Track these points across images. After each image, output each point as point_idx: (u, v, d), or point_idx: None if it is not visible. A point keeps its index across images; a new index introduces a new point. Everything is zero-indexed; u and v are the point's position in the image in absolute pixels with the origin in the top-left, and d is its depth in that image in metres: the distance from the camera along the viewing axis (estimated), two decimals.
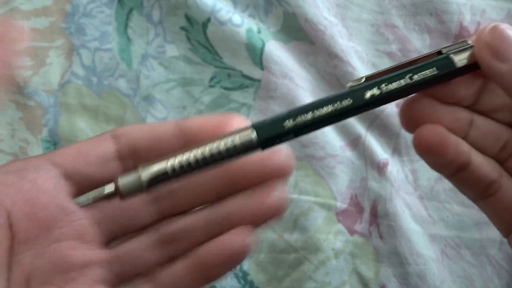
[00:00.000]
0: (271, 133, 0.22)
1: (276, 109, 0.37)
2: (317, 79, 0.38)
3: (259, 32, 0.37)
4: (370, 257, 0.37)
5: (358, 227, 0.37)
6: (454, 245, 0.37)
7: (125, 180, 0.22)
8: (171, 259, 0.25)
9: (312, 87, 0.38)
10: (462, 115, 0.25)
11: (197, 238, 0.25)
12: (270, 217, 0.25)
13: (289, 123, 0.22)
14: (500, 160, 0.25)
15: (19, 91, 0.36)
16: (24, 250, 0.23)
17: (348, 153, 0.37)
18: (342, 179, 0.37)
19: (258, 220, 0.25)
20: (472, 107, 0.25)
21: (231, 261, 0.24)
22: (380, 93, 0.23)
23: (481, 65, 0.23)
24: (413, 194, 0.38)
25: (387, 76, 0.23)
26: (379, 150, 0.37)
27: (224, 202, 0.25)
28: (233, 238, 0.24)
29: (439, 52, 0.24)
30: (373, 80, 0.23)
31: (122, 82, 0.37)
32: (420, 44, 0.38)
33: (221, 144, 0.22)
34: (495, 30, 0.22)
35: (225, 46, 0.37)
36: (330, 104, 0.23)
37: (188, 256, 0.25)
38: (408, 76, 0.23)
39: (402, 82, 0.23)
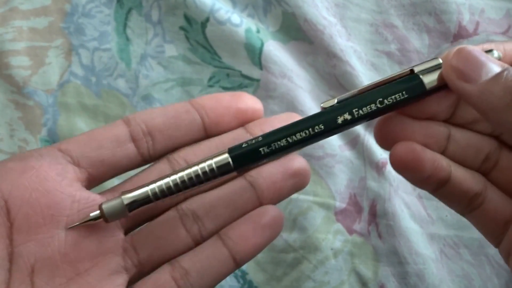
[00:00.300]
0: (246, 160, 0.24)
1: (275, 108, 0.37)
2: (316, 79, 0.38)
3: (258, 32, 0.37)
4: (369, 257, 0.37)
5: (357, 226, 0.37)
6: (453, 245, 0.37)
7: (109, 206, 0.23)
8: (196, 243, 0.25)
9: (311, 87, 0.38)
10: (438, 130, 0.25)
11: (222, 215, 0.25)
12: (294, 184, 0.26)
13: (264, 150, 0.24)
14: (484, 172, 0.25)
15: (18, 91, 0.36)
16: (26, 239, 0.22)
17: (347, 153, 0.37)
18: (341, 179, 0.37)
19: (283, 189, 0.26)
20: (449, 121, 0.25)
21: (265, 237, 0.26)
22: (352, 117, 0.24)
23: (450, 87, 0.23)
24: (412, 194, 0.38)
25: (358, 99, 0.24)
26: (378, 149, 0.37)
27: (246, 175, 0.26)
28: (263, 212, 0.26)
29: (412, 71, 0.24)
30: (344, 103, 0.24)
31: (121, 82, 0.37)
32: (419, 44, 0.38)
33: (198, 169, 0.24)
34: (460, 52, 0.23)
35: (224, 46, 0.37)
36: (303, 130, 0.24)
37: (215, 238, 0.25)
38: (378, 100, 0.24)
39: (373, 106, 0.24)
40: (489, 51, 0.24)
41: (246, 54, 0.37)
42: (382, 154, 0.37)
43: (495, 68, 0.22)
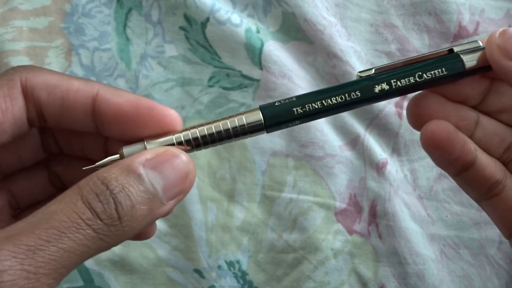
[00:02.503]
0: (278, 119, 0.23)
1: None
2: (316, 78, 0.38)
3: (258, 32, 0.37)
4: (369, 257, 0.37)
5: (357, 227, 0.37)
6: (453, 245, 0.37)
7: (130, 151, 0.22)
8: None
9: (311, 87, 0.38)
10: (469, 114, 0.25)
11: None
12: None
13: (297, 111, 0.23)
14: (504, 162, 0.26)
15: None
16: None
17: (347, 153, 0.37)
18: (341, 179, 0.37)
19: None
20: (478, 107, 0.26)
21: None
22: (389, 88, 0.23)
23: (493, 66, 0.23)
24: (412, 194, 0.38)
25: (397, 71, 0.24)
26: (378, 150, 0.37)
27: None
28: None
29: (451, 50, 0.24)
30: (382, 73, 0.24)
31: (121, 82, 0.37)
32: (419, 44, 0.38)
33: (228, 123, 0.23)
34: (505, 33, 0.23)
35: (224, 46, 0.37)
36: (340, 95, 0.23)
37: None
38: (417, 74, 0.23)
39: (412, 79, 0.23)
40: None
41: (246, 54, 0.37)
42: (382, 155, 0.37)
43: None
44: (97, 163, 0.23)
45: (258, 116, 0.23)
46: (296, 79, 0.37)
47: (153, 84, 0.37)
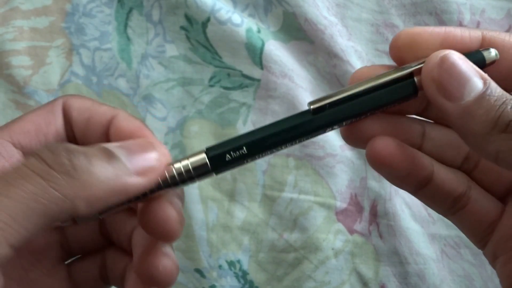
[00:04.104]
0: (226, 161, 0.22)
1: (276, 108, 0.37)
2: (317, 78, 0.38)
3: (258, 31, 0.37)
4: (369, 257, 0.37)
5: (358, 226, 0.37)
6: (454, 245, 0.37)
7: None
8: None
9: (312, 87, 0.38)
10: (411, 126, 0.23)
11: None
12: None
13: (245, 149, 0.22)
14: (466, 171, 0.24)
15: (19, 91, 0.36)
16: None
17: (347, 153, 0.37)
18: (342, 179, 0.37)
19: None
20: (422, 115, 0.24)
21: None
22: (339, 126, 0.23)
23: (428, 98, 0.21)
24: None
25: (351, 108, 0.22)
26: None
27: None
28: None
29: (411, 74, 0.22)
30: (335, 110, 0.23)
31: (122, 82, 0.37)
32: None
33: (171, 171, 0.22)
34: (444, 62, 0.20)
35: (225, 45, 0.37)
36: (289, 136, 0.23)
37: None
38: (371, 108, 0.22)
39: (363, 116, 0.22)
40: (485, 50, 0.22)
41: (247, 54, 0.37)
42: None
43: (479, 84, 0.20)
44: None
45: (202, 157, 0.22)
46: (296, 78, 0.37)
47: (154, 84, 0.37)
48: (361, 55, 0.38)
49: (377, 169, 0.23)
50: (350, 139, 0.24)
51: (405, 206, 0.37)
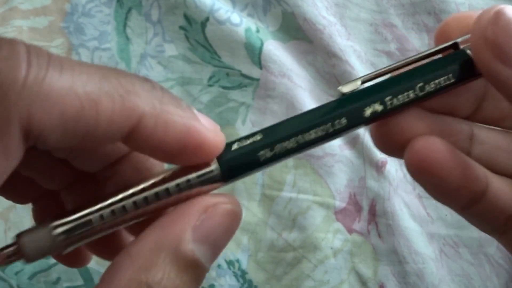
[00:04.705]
0: (240, 167, 0.17)
1: (275, 108, 0.37)
2: (316, 78, 0.38)
3: (257, 31, 0.37)
4: (368, 256, 0.37)
5: (357, 225, 0.37)
6: (453, 244, 0.37)
7: (32, 242, 0.16)
8: None
9: (311, 86, 0.38)
10: (459, 128, 0.19)
11: None
12: None
13: (265, 154, 0.17)
14: None
15: None
16: None
17: (346, 152, 0.37)
18: (341, 178, 0.37)
19: None
20: (471, 118, 0.20)
21: None
22: (383, 109, 0.18)
23: (478, 65, 0.17)
24: (412, 193, 0.38)
25: (391, 83, 0.18)
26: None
27: None
28: None
29: (455, 45, 0.18)
30: (371, 86, 0.18)
31: None
32: (418, 43, 0.38)
33: (172, 183, 0.17)
34: (500, 17, 0.16)
35: (224, 45, 0.37)
36: (319, 126, 0.17)
37: None
38: (418, 86, 0.18)
39: (411, 95, 0.18)
40: None
41: (246, 54, 0.37)
42: (382, 154, 0.37)
43: None
44: None
45: (215, 166, 0.17)
46: (295, 78, 0.37)
47: None
48: (360, 55, 0.38)
49: (420, 178, 0.18)
50: (384, 141, 0.19)
51: (404, 205, 0.37)
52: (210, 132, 0.17)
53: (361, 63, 0.38)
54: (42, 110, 0.14)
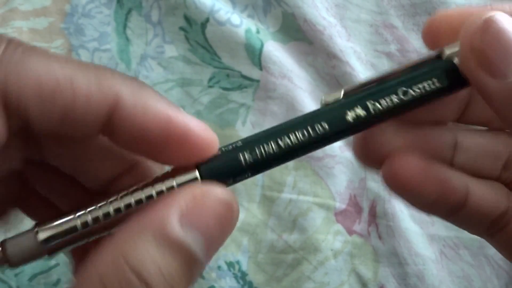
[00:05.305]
0: (221, 174, 0.17)
1: (275, 109, 0.37)
2: (316, 79, 0.38)
3: (258, 32, 0.37)
4: (369, 257, 0.37)
5: (357, 227, 0.37)
6: (453, 245, 0.37)
7: (17, 247, 0.17)
8: None
9: (311, 88, 0.38)
10: (440, 138, 0.19)
11: None
12: None
13: (246, 158, 0.17)
14: (505, 182, 0.20)
15: None
16: None
17: (347, 153, 0.37)
18: (341, 180, 0.37)
19: None
20: (458, 121, 0.20)
21: None
22: (366, 114, 0.17)
23: (465, 74, 0.17)
24: None
25: (373, 89, 0.18)
26: None
27: None
28: None
29: (439, 56, 0.18)
30: (354, 95, 0.18)
31: None
32: (419, 45, 0.38)
33: (153, 192, 0.17)
34: (490, 26, 0.16)
35: (224, 46, 0.37)
36: (299, 129, 0.17)
37: None
38: (401, 89, 0.17)
39: (395, 99, 0.17)
40: None
41: (246, 55, 0.37)
42: None
43: None
44: None
45: (194, 175, 0.17)
46: (296, 79, 0.37)
47: (153, 84, 0.37)
48: (360, 56, 0.38)
49: (398, 194, 0.19)
50: (364, 155, 0.19)
51: (404, 206, 0.37)
52: (198, 126, 0.17)
53: (361, 64, 0.38)
54: (18, 80, 0.15)
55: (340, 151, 0.37)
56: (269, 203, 0.37)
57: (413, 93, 0.17)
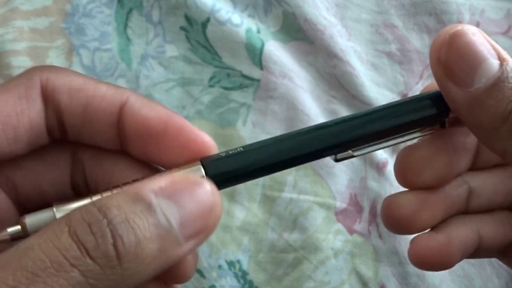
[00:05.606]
0: (227, 178, 0.19)
1: (276, 109, 0.37)
2: (316, 79, 0.38)
3: (258, 32, 0.37)
4: (369, 257, 0.37)
5: (358, 226, 0.37)
6: None
7: (35, 220, 0.18)
8: None
9: (312, 87, 0.38)
10: (457, 192, 0.21)
11: None
12: None
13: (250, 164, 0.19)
14: None
15: None
16: None
17: None
18: (342, 179, 0.37)
19: None
20: (471, 168, 0.22)
21: None
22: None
23: (436, 82, 0.18)
24: None
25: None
26: None
27: None
28: None
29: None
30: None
31: (121, 82, 0.37)
32: (419, 44, 0.38)
33: None
34: (454, 41, 0.17)
35: (225, 46, 0.37)
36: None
37: None
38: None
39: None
40: None
41: (247, 54, 0.37)
42: (382, 154, 0.37)
43: (494, 67, 0.17)
44: None
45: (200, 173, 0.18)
46: (296, 79, 0.37)
47: (154, 84, 0.37)
48: (360, 56, 0.38)
49: (425, 269, 0.22)
50: (391, 224, 0.22)
51: None
52: (193, 127, 0.20)
53: (362, 63, 0.38)
54: (55, 78, 0.19)
55: None
56: (269, 203, 0.37)
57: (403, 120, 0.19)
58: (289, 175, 0.37)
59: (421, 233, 0.21)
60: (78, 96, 0.19)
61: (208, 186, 0.17)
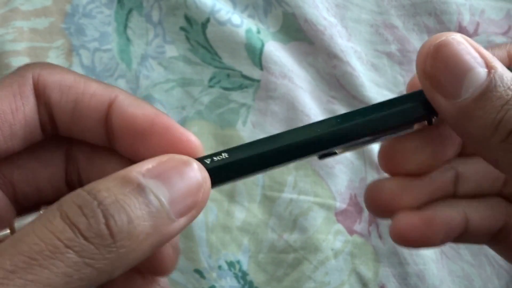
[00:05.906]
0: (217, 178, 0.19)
1: (276, 109, 0.37)
2: (316, 79, 0.38)
3: (258, 32, 0.37)
4: (369, 257, 0.37)
5: (358, 227, 0.37)
6: (453, 245, 0.37)
7: (24, 223, 0.18)
8: None
9: (312, 88, 0.38)
10: (443, 179, 0.21)
11: None
12: None
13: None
14: (505, 196, 0.22)
15: None
16: None
17: (347, 154, 0.37)
18: (342, 179, 0.37)
19: None
20: (461, 154, 0.21)
21: None
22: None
23: (425, 93, 0.18)
24: None
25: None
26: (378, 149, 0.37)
27: None
28: None
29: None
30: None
31: (121, 83, 0.37)
32: (419, 45, 0.38)
33: None
34: (439, 51, 0.17)
35: (225, 46, 0.37)
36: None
37: None
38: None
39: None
40: None
41: (247, 55, 0.37)
42: None
43: (481, 76, 0.16)
44: None
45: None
46: (296, 79, 0.37)
47: (154, 84, 0.37)
48: (360, 56, 0.38)
49: (407, 247, 0.22)
50: (374, 208, 0.22)
51: None
52: (180, 126, 0.20)
53: (362, 64, 0.38)
54: (46, 75, 0.19)
55: None
56: (269, 203, 0.37)
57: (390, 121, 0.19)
58: (289, 175, 0.37)
59: (403, 211, 0.21)
60: (68, 92, 0.19)
61: (194, 164, 0.18)
